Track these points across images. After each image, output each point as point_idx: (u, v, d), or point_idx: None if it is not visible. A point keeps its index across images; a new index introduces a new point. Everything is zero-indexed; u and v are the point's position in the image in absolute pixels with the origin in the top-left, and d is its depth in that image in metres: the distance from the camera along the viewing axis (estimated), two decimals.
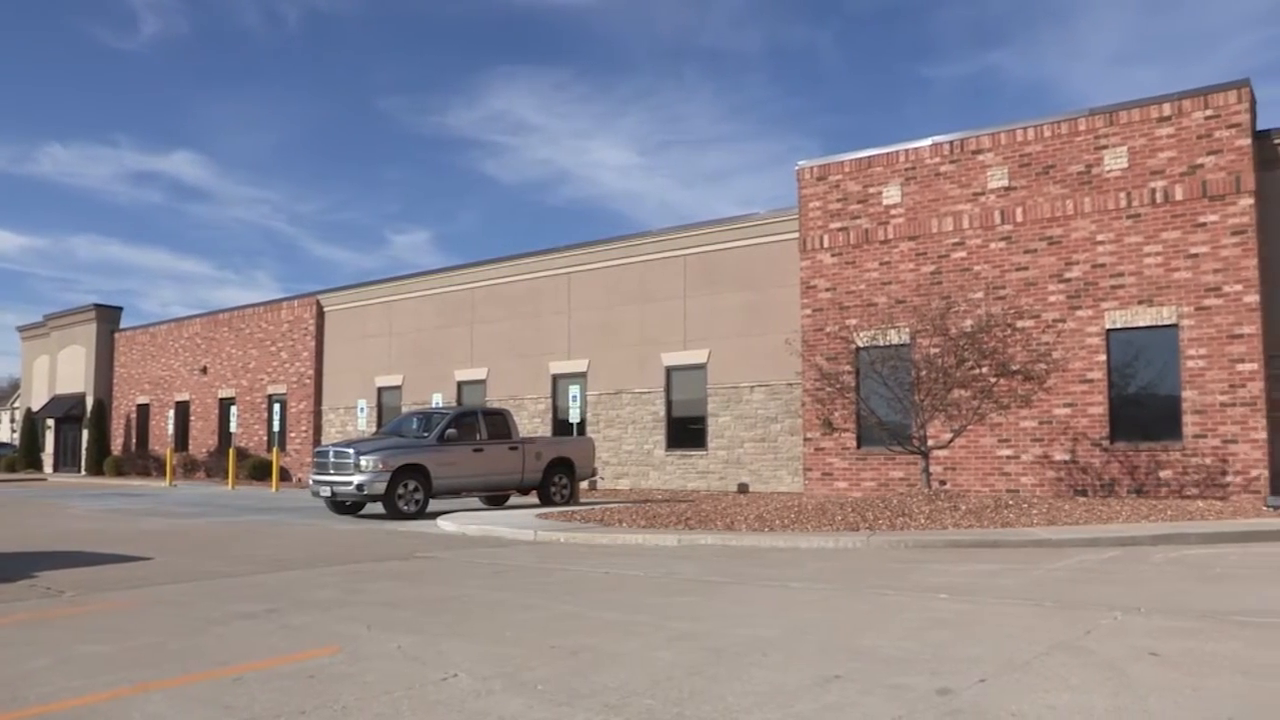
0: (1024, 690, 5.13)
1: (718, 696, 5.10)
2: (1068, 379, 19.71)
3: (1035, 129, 20.67)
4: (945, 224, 21.40)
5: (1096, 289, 19.78)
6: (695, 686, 5.32)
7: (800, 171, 23.50)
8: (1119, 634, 6.57)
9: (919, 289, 21.32)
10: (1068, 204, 20.15)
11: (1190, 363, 18.86)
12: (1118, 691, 5.08)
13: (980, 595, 8.41)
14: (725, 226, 26.41)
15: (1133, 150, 19.66)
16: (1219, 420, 18.58)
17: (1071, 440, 19.75)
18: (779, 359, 22.73)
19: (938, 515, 14.49)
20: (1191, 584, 9.03)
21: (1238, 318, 18.57)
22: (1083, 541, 12.31)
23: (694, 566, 10.93)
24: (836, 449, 22.14)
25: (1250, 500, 17.23)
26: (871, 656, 5.98)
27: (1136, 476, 19.15)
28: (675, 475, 26.64)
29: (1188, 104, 19.29)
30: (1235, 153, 18.81)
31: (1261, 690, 5.06)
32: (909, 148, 22.06)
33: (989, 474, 20.47)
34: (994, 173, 20.95)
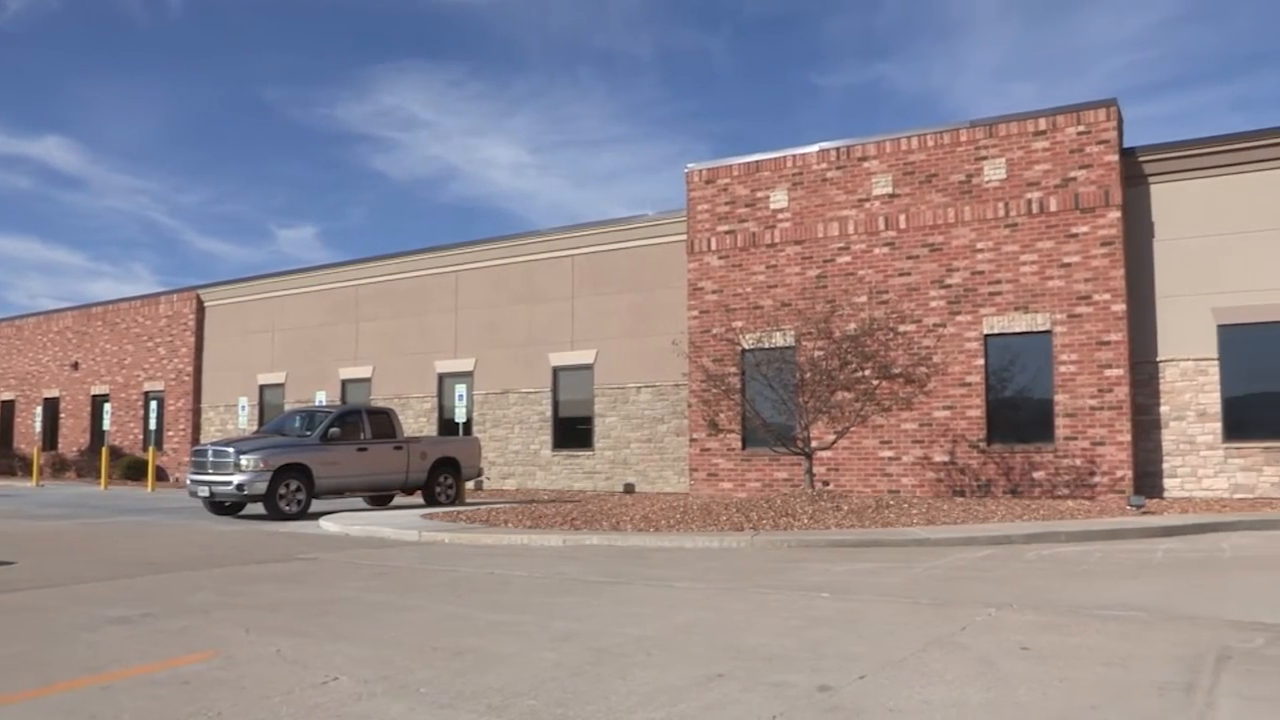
0: (901, 686, 5.26)
1: (601, 696, 5.12)
2: (947, 382, 20.23)
3: (919, 138, 21.17)
4: (831, 229, 21.77)
5: (975, 295, 20.34)
6: (579, 687, 5.33)
7: (689, 174, 23.69)
8: (992, 629, 6.77)
9: (804, 292, 21.66)
10: (949, 212, 20.68)
11: (1062, 368, 19.53)
12: (990, 685, 5.23)
13: (861, 593, 8.58)
14: (614, 227, 26.47)
15: (1011, 162, 20.27)
16: (1088, 423, 19.27)
17: (951, 442, 20.27)
18: (666, 360, 22.88)
19: (821, 515, 14.72)
20: (1060, 580, 9.34)
21: (1106, 325, 19.28)
22: (960, 540, 12.64)
23: (579, 567, 10.93)
24: (722, 450, 22.36)
25: (1116, 500, 17.89)
26: (754, 655, 6.06)
27: (1012, 477, 19.74)
28: (562, 475, 26.61)
29: (1062, 119, 19.97)
30: (1104, 167, 19.53)
31: (1119, 680, 5.26)
32: (797, 153, 22.40)
33: (871, 475, 20.89)
34: (879, 180, 21.39)
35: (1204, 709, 4.75)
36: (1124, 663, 5.69)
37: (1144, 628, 6.80)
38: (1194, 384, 19.62)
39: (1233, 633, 6.49)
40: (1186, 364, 19.68)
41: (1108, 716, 4.65)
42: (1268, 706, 4.79)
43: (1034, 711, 4.74)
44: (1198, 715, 4.65)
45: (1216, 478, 19.36)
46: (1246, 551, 11.50)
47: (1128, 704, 4.85)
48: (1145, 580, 9.35)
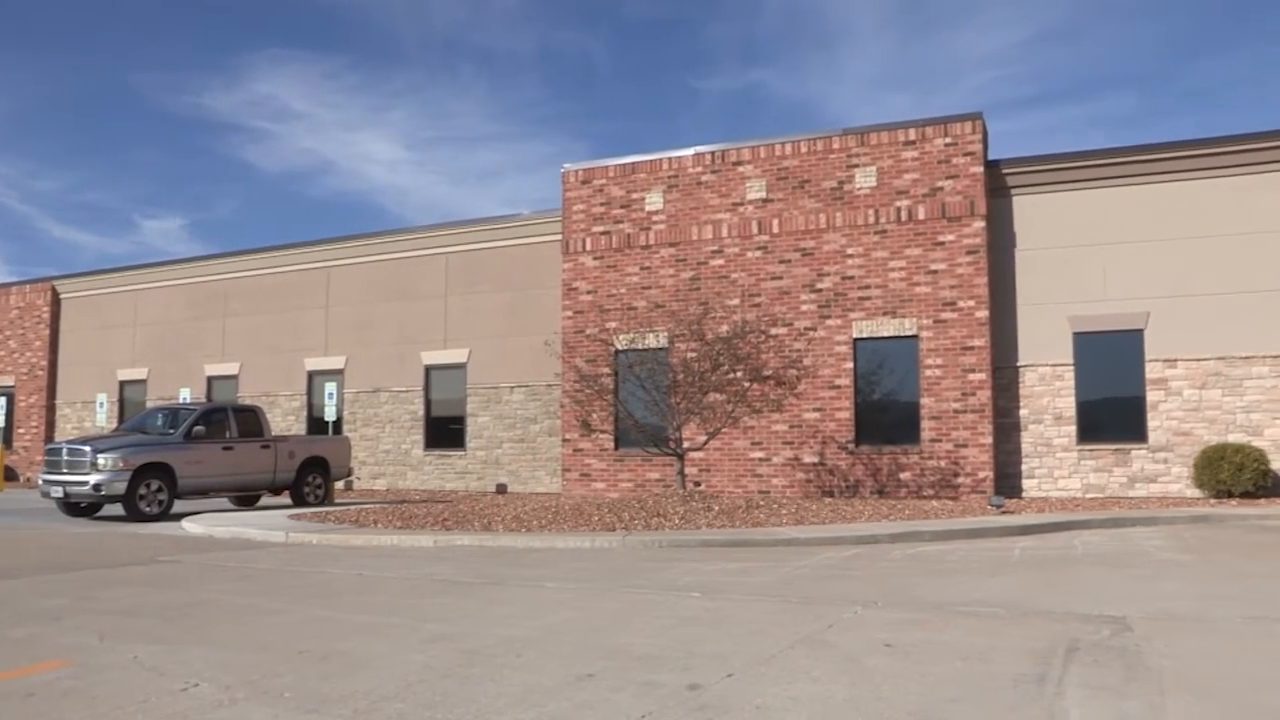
0: (769, 683, 5.34)
1: (470, 698, 5.09)
2: (817, 385, 20.61)
3: (793, 145, 21.52)
4: (705, 232, 21.99)
5: (845, 300, 20.77)
6: (448, 689, 5.29)
7: (566, 174, 23.67)
8: (858, 627, 6.92)
9: (678, 294, 21.83)
10: (821, 218, 21.08)
11: (928, 371, 20.08)
12: (855, 681, 5.35)
13: (731, 593, 8.68)
14: (489, 226, 26.30)
15: (881, 170, 20.76)
16: (952, 426, 19.84)
17: (820, 443, 20.66)
18: (539, 360, 22.80)
19: (692, 516, 14.84)
20: (924, 578, 9.60)
21: (970, 331, 19.88)
22: (828, 540, 12.88)
23: (450, 568, 10.84)
24: (595, 450, 22.40)
25: (978, 500, 18.47)
26: (624, 655, 6.08)
27: (879, 478, 20.21)
28: (433, 475, 26.33)
29: (930, 131, 20.53)
30: (970, 178, 20.15)
31: (977, 673, 5.44)
32: (673, 156, 22.56)
33: (742, 475, 21.16)
34: (753, 184, 21.68)
35: (1054, 698, 4.94)
36: (982, 657, 5.88)
37: (1001, 623, 7.03)
38: (1051, 388, 20.39)
39: (1082, 626, 6.76)
40: (1044, 369, 20.44)
41: (965, 709, 4.80)
42: (1110, 694, 5.01)
43: (896, 706, 4.87)
44: (1048, 704, 4.84)
45: (1071, 478, 20.14)
46: (1096, 549, 11.98)
47: (984, 696, 5.01)
48: (1003, 577, 9.67)
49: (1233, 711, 4.70)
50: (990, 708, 4.81)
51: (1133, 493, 19.75)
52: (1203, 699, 4.92)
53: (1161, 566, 10.36)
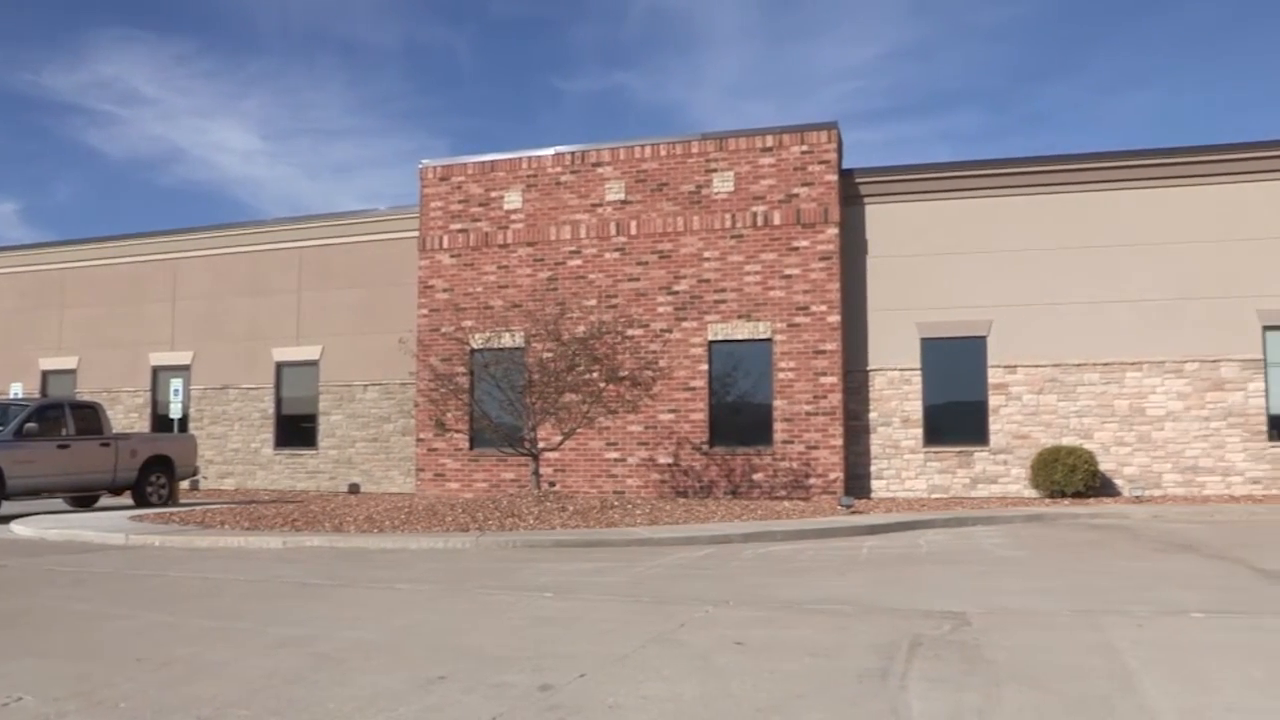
0: (621, 683, 5.35)
1: (318, 703, 4.97)
2: (672, 386, 20.80)
3: (652, 147, 21.68)
4: (563, 232, 21.98)
5: (701, 302, 21.01)
6: (295, 694, 5.16)
7: (424, 171, 23.37)
8: (709, 626, 7.00)
9: (535, 294, 21.77)
10: (679, 221, 21.28)
11: (781, 374, 20.46)
12: (705, 679, 5.41)
13: (584, 593, 8.69)
14: (345, 221, 25.79)
15: (739, 175, 21.07)
16: (804, 428, 20.26)
17: (675, 444, 20.85)
18: (394, 358, 22.42)
19: (546, 516, 14.82)
20: (775, 577, 9.77)
21: (822, 335, 20.34)
22: (681, 540, 13.00)
23: (299, 570, 10.59)
24: (449, 450, 22.18)
25: (828, 500, 18.89)
26: (477, 656, 6.03)
27: (733, 479, 20.50)
28: (284, 475, 25.69)
29: (787, 138, 20.93)
30: (825, 186, 20.61)
31: (824, 669, 5.56)
32: (533, 155, 22.49)
33: (597, 476, 21.21)
34: (612, 186, 21.76)
35: (897, 691, 5.09)
36: (829, 653, 6.01)
37: (848, 620, 7.20)
38: (899, 392, 21.00)
39: (924, 621, 6.97)
40: (893, 373, 21.05)
41: (812, 704, 4.89)
42: (949, 686, 5.18)
43: (745, 703, 4.94)
44: (891, 698, 4.97)
45: (917, 479, 20.78)
46: (939, 547, 12.38)
47: (831, 691, 5.13)
48: (851, 575, 9.91)
49: (1060, 699, 4.90)
50: (836, 702, 4.92)
51: (975, 493, 20.50)
52: (1034, 688, 5.13)
53: (999, 563, 10.76)
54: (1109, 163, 20.64)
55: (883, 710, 4.78)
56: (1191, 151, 20.44)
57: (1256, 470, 19.82)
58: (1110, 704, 4.83)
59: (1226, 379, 20.00)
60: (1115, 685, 5.18)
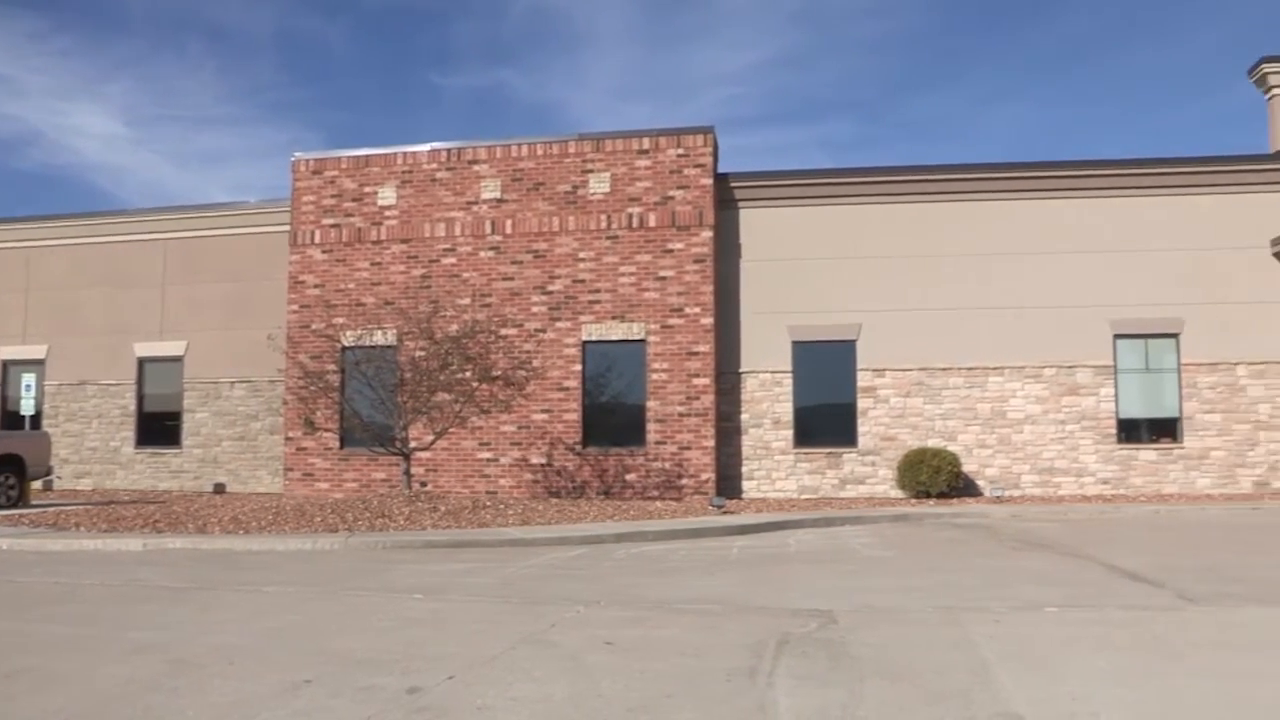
0: (490, 684, 5.32)
1: (177, 711, 4.82)
2: (546, 386, 20.74)
3: (530, 147, 21.59)
4: (438, 230, 21.74)
5: (576, 303, 21.01)
6: (152, 702, 4.99)
7: (296, 164, 22.86)
8: (580, 626, 7.00)
9: (408, 291, 21.47)
10: (554, 221, 21.23)
11: (654, 375, 20.57)
12: (575, 680, 5.40)
13: (454, 594, 8.61)
14: (213, 213, 25.08)
15: (615, 177, 21.12)
16: (677, 429, 20.41)
17: (548, 445, 20.80)
18: (262, 355, 21.86)
19: (417, 516, 14.67)
20: (646, 577, 9.82)
21: (695, 337, 20.52)
22: (553, 540, 12.99)
23: (160, 573, 10.27)
24: (319, 449, 21.74)
25: (700, 500, 19.06)
26: (344, 659, 5.92)
27: (605, 479, 20.53)
28: (146, 475, 24.85)
29: (664, 141, 21.07)
30: (700, 189, 20.80)
31: (693, 668, 5.61)
32: (408, 151, 22.18)
33: (469, 476, 21.04)
34: (488, 184, 21.61)
35: (764, 689, 5.16)
36: (698, 652, 6.06)
37: (718, 619, 7.27)
38: (771, 394, 21.31)
39: (792, 620, 7.08)
40: (765, 375, 21.35)
41: (681, 703, 4.93)
42: (815, 683, 5.27)
43: (615, 703, 4.95)
44: (759, 695, 5.04)
45: (787, 480, 21.12)
46: (808, 547, 12.60)
47: (700, 690, 5.17)
48: (721, 575, 10.02)
49: (921, 692, 5.04)
50: (705, 701, 4.97)
51: (843, 493, 20.92)
52: (897, 683, 5.25)
53: (866, 563, 11.00)
54: (974, 174, 21.31)
55: (750, 708, 4.84)
56: (1049, 166, 21.24)
57: (1106, 471, 20.68)
58: (968, 696, 4.97)
59: (1081, 384, 20.82)
60: (973, 678, 5.34)
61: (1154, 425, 20.97)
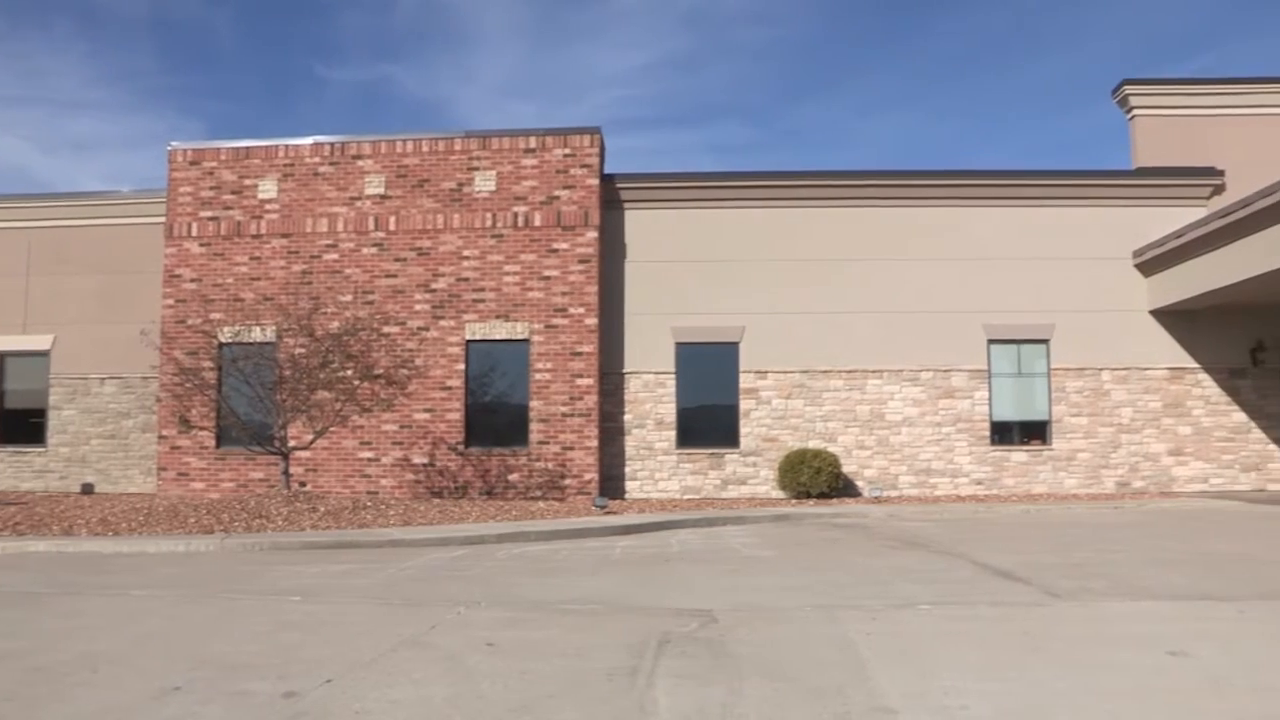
0: (369, 687, 5.26)
1: None
2: (429, 385, 20.54)
3: (415, 143, 21.34)
4: (320, 225, 21.36)
5: (460, 301, 20.84)
6: (5, 713, 4.81)
7: (172, 153, 22.21)
8: (461, 627, 6.96)
9: (288, 287, 21.05)
10: (439, 218, 21.04)
11: (538, 375, 20.53)
12: (456, 681, 5.38)
13: (333, 596, 8.49)
14: (84, 202, 24.21)
15: (501, 175, 21.01)
16: (560, 429, 20.39)
17: (430, 444, 20.60)
18: (135, 350, 21.21)
19: (296, 517, 14.41)
20: (528, 578, 9.80)
21: (580, 337, 20.53)
22: (435, 541, 12.88)
23: (21, 577, 9.89)
24: (194, 448, 21.17)
25: (583, 501, 19.08)
26: (217, 664, 5.79)
27: (488, 479, 20.41)
28: (7, 475, 23.88)
29: (551, 140, 21.03)
30: (586, 190, 20.82)
31: (575, 668, 5.62)
32: (290, 144, 21.73)
33: (350, 476, 20.72)
34: (372, 180, 21.30)
35: (645, 689, 5.20)
36: (580, 653, 6.08)
37: (600, 619, 7.30)
38: (654, 395, 21.43)
39: (673, 620, 7.15)
40: (649, 376, 21.47)
41: (562, 703, 4.94)
42: (696, 682, 5.34)
43: (496, 704, 4.94)
44: (639, 695, 5.08)
45: (670, 480, 21.26)
46: (690, 547, 12.72)
47: (581, 690, 5.19)
48: (604, 575, 10.05)
49: (799, 690, 5.13)
50: (586, 701, 4.98)
51: (725, 494, 21.15)
52: (776, 681, 5.34)
53: (746, 562, 11.14)
54: (855, 180, 21.75)
55: (631, 707, 4.87)
56: (929, 175, 21.79)
57: (980, 472, 21.30)
58: (844, 693, 5.08)
59: (956, 387, 21.40)
60: (849, 675, 5.46)
61: (1025, 428, 21.68)
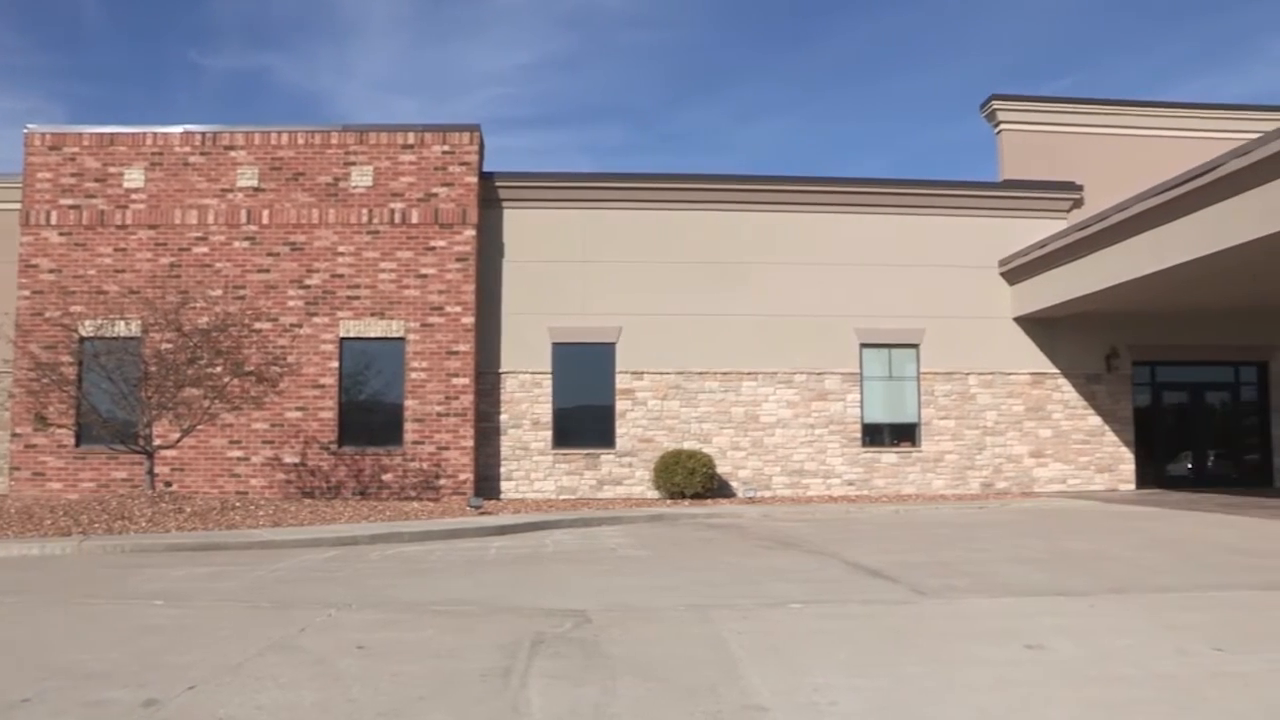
0: (235, 693, 5.14)
1: None
2: (301, 383, 20.14)
3: (290, 135, 20.90)
4: (190, 216, 20.76)
5: (334, 298, 20.49)
6: None
7: (30, 137, 21.32)
8: (331, 630, 6.85)
9: (155, 281, 20.40)
10: (314, 213, 20.64)
11: (414, 374, 20.30)
12: (325, 685, 5.29)
13: (199, 599, 8.27)
14: None
15: (378, 171, 20.72)
16: (436, 428, 20.20)
17: (302, 443, 20.19)
18: None
19: (161, 518, 14.00)
20: (401, 579, 9.69)
21: (456, 336, 20.37)
22: (306, 542, 12.65)
23: None
24: (52, 446, 20.37)
25: (458, 501, 18.93)
26: (72, 673, 5.59)
27: (362, 479, 20.11)
28: None
29: (430, 137, 20.82)
30: (464, 188, 20.67)
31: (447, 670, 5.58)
32: (159, 131, 21.05)
33: (219, 475, 20.19)
34: (245, 172, 20.80)
35: (518, 690, 5.19)
36: (453, 654, 6.04)
37: (473, 620, 7.26)
38: (531, 395, 21.39)
39: (547, 620, 7.15)
40: (525, 376, 21.41)
41: (434, 705, 4.91)
42: (569, 682, 5.35)
43: (366, 707, 4.88)
44: (512, 696, 5.07)
45: (546, 480, 21.24)
46: (565, 547, 12.73)
47: (453, 692, 5.16)
48: (478, 576, 9.99)
49: (672, 689, 5.18)
50: (459, 702, 4.96)
51: (601, 494, 21.21)
52: (648, 680, 5.39)
53: (621, 562, 11.19)
54: (733, 185, 22.06)
55: (503, 708, 4.87)
56: (805, 182, 22.21)
57: (851, 473, 21.77)
58: (716, 691, 5.15)
59: (829, 390, 21.84)
60: (721, 673, 5.54)
61: (895, 430, 22.24)
